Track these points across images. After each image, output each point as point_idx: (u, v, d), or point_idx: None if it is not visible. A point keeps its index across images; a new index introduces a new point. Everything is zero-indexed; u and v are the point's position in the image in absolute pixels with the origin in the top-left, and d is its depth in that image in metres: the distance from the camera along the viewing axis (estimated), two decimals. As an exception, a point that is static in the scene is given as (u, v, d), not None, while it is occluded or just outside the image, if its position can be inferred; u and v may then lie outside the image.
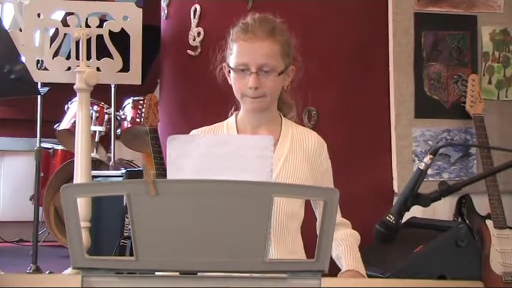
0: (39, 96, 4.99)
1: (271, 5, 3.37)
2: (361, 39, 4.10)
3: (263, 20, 2.43)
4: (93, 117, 5.60)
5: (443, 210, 4.05)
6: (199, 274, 1.64)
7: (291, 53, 2.46)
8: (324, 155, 2.50)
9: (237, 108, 2.52)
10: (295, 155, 2.46)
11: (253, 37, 2.38)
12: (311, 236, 2.42)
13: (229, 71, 2.45)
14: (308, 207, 2.51)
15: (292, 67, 2.47)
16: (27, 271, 4.57)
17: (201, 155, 1.80)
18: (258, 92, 2.38)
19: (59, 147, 6.14)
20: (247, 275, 1.58)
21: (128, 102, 5.66)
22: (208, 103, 3.90)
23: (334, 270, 2.33)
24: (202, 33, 4.22)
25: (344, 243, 2.46)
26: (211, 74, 2.54)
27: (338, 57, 4.08)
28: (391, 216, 1.90)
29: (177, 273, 1.63)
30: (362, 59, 4.10)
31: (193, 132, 2.49)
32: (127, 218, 4.24)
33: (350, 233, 2.51)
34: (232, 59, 2.42)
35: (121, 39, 4.17)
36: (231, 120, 2.51)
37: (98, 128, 5.70)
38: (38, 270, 4.57)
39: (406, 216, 1.96)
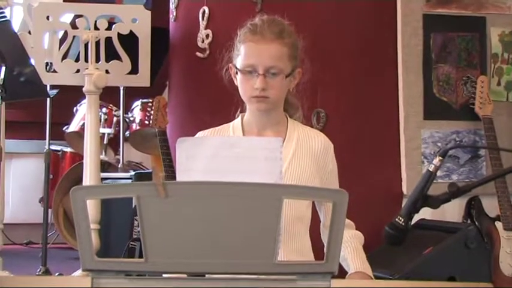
0: (48, 99, 5.00)
1: (280, 7, 3.37)
2: (370, 41, 4.10)
3: (272, 21, 2.42)
4: (102, 120, 5.60)
5: (452, 212, 4.05)
6: (207, 276, 1.64)
7: (298, 56, 2.45)
8: (330, 156, 2.49)
9: (243, 110, 2.52)
10: (301, 155, 2.45)
11: (261, 39, 2.38)
12: (319, 236, 2.43)
13: (236, 72, 2.45)
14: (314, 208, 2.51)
15: (299, 69, 2.46)
16: (37, 273, 4.57)
17: (211, 157, 1.80)
18: (264, 93, 2.37)
19: (68, 149, 6.14)
20: (256, 276, 1.58)
21: (137, 105, 5.66)
22: (217, 105, 3.90)
23: (339, 271, 2.33)
24: (210, 35, 4.22)
25: (349, 244, 2.46)
26: (219, 76, 2.54)
27: (346, 58, 4.07)
28: (401, 218, 1.89)
29: (186, 275, 1.64)
30: (371, 61, 4.10)
31: (200, 133, 2.49)
32: (136, 220, 4.24)
33: (354, 234, 2.51)
34: (239, 60, 2.41)
35: (130, 41, 4.18)
36: (237, 121, 2.51)
37: (107, 130, 5.70)
38: (47, 272, 4.57)
39: (415, 218, 1.96)
